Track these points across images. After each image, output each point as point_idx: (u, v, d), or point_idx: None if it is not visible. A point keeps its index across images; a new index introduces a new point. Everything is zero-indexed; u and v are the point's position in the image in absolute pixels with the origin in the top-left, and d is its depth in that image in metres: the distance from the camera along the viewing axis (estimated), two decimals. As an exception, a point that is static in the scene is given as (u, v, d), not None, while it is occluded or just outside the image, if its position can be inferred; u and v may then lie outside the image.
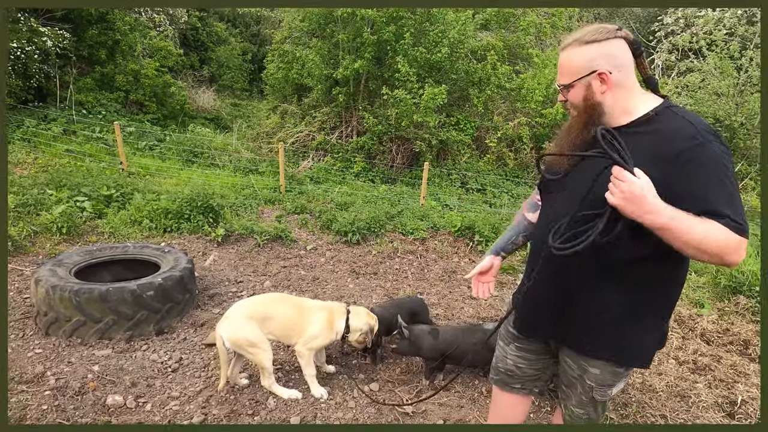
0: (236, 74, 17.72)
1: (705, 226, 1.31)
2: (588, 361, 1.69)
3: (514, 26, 11.34)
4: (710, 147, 1.35)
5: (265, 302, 2.99)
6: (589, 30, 1.48)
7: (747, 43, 11.12)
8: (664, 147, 1.38)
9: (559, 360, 1.86)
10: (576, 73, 1.50)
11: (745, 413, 3.05)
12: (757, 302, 4.75)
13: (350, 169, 9.72)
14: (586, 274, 1.58)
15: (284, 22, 12.39)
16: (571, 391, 1.82)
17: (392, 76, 9.60)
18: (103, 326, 3.32)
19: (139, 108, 11.90)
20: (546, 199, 1.79)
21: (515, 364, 1.98)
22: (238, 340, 2.76)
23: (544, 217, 1.75)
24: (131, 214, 5.63)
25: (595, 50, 1.47)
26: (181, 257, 3.97)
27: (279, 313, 2.91)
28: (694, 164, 1.35)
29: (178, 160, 9.54)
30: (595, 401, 1.76)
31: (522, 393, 2.06)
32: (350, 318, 3.02)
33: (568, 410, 1.87)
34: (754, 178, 10.37)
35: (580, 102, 1.52)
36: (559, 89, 1.59)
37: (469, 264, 5.70)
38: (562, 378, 1.86)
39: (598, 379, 1.70)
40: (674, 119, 1.42)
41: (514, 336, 1.96)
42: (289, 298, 3.11)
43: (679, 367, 3.58)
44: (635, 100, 1.50)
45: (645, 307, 1.59)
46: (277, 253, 5.46)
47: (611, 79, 1.46)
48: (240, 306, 2.92)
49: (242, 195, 7.33)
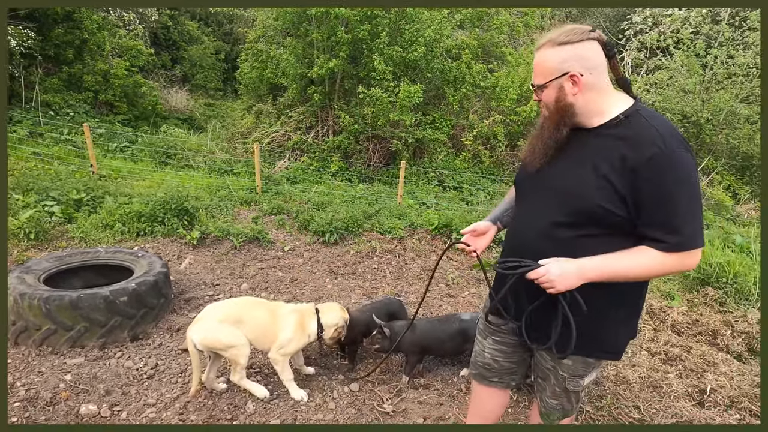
0: (209, 74, 17.44)
1: (643, 259, 1.47)
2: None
3: (488, 25, 11.45)
4: (676, 156, 1.39)
5: (238, 306, 2.93)
6: (563, 31, 1.50)
7: (712, 42, 11.45)
8: (633, 154, 1.42)
9: (534, 353, 1.90)
10: (549, 74, 1.53)
11: (714, 401, 3.15)
12: (724, 293, 4.92)
13: (327, 168, 9.68)
14: None
15: (257, 20, 12.25)
16: (545, 383, 1.87)
17: (368, 75, 9.60)
18: (75, 334, 3.24)
19: (109, 109, 11.62)
20: (521, 196, 1.82)
21: (492, 358, 2.02)
22: (211, 343, 2.73)
23: (523, 216, 1.78)
24: (103, 218, 5.50)
25: (567, 52, 1.49)
26: (156, 261, 3.90)
27: (252, 318, 2.87)
28: (659, 173, 1.39)
29: (150, 161, 9.35)
30: (568, 392, 1.81)
31: (500, 386, 2.10)
32: (321, 316, 2.99)
33: (543, 402, 1.92)
34: (721, 173, 10.70)
35: (552, 103, 1.55)
36: (533, 89, 1.61)
37: (447, 261, 5.75)
38: (537, 371, 1.91)
39: (570, 369, 1.76)
40: (643, 126, 1.45)
41: (491, 330, 2.00)
42: (264, 303, 3.04)
43: (651, 358, 3.68)
44: (607, 102, 1.53)
45: (617, 303, 1.64)
46: (254, 255, 5.41)
47: (582, 81, 1.49)
48: (213, 308, 2.88)
49: (218, 196, 7.23)
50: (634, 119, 1.48)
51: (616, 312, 1.65)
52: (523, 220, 1.76)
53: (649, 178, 1.40)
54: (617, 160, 1.44)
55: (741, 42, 11.39)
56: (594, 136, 1.53)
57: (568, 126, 1.54)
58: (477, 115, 10.69)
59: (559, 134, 1.55)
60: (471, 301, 4.61)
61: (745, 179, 11.17)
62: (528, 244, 1.68)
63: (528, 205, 1.73)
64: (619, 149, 1.45)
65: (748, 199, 10.61)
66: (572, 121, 1.55)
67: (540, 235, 1.63)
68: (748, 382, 3.39)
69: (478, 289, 4.93)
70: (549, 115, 1.58)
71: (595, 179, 1.47)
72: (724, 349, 3.92)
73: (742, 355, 3.86)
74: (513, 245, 1.78)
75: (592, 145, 1.52)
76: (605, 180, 1.45)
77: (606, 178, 1.45)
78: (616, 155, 1.45)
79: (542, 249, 1.61)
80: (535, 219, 1.66)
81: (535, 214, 1.67)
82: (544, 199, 1.62)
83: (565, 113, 1.53)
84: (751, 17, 11.33)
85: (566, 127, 1.54)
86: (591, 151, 1.51)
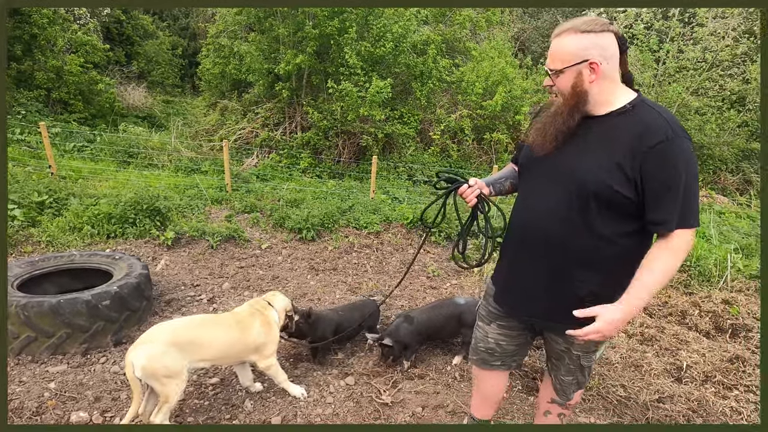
0: (166, 70, 16.91)
1: (660, 270, 1.55)
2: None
3: (451, 21, 11.60)
4: (681, 143, 1.49)
5: (189, 327, 2.59)
6: (585, 21, 1.57)
7: (663, 37, 11.97)
8: (642, 140, 1.50)
9: (545, 338, 1.98)
10: (569, 60, 1.58)
11: (690, 377, 3.34)
12: (689, 276, 5.19)
13: (297, 165, 9.58)
14: (571, 258, 1.68)
15: (218, 15, 11.96)
16: (560, 363, 1.97)
17: (336, 70, 9.55)
18: (56, 341, 3.12)
19: (63, 107, 11.09)
20: (528, 177, 1.85)
21: (496, 342, 2.08)
22: (156, 369, 2.35)
23: (531, 197, 1.81)
24: (69, 220, 5.27)
25: (589, 40, 1.55)
26: (135, 263, 3.79)
27: (211, 338, 2.58)
28: (666, 156, 1.48)
29: (112, 161, 9.00)
30: (582, 368, 1.94)
31: (502, 369, 2.18)
32: (274, 304, 2.93)
33: (558, 380, 2.03)
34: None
35: (568, 89, 1.61)
36: (549, 73, 1.65)
37: (424, 254, 5.81)
38: (550, 353, 2.02)
39: (582, 347, 1.86)
40: (650, 113, 1.54)
41: (495, 315, 2.05)
42: (217, 318, 2.76)
43: (629, 339, 3.86)
44: (616, 93, 1.61)
45: (619, 283, 1.70)
46: (231, 254, 5.32)
47: (600, 69, 1.55)
48: (161, 329, 2.51)
49: (187, 195, 7.04)
50: (639, 108, 1.57)
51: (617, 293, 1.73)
52: (531, 200, 1.80)
53: (657, 162, 1.49)
54: (627, 145, 1.52)
55: (690, 37, 11.96)
56: (601, 124, 1.61)
57: (581, 113, 1.61)
58: (444, 109, 10.81)
59: (573, 120, 1.61)
60: (453, 292, 4.69)
61: (697, 168, 11.76)
62: (536, 223, 1.74)
63: (537, 187, 1.77)
64: (628, 136, 1.53)
65: (700, 186, 11.19)
66: (584, 108, 1.61)
67: (550, 216, 1.69)
68: (718, 357, 3.61)
69: (459, 279, 5.03)
70: (564, 101, 1.63)
71: (607, 163, 1.54)
72: (694, 328, 4.15)
73: (710, 333, 4.10)
74: (521, 224, 1.83)
75: (601, 131, 1.60)
76: (616, 164, 1.53)
77: (617, 162, 1.53)
78: (626, 141, 1.53)
79: (552, 229, 1.68)
80: (545, 200, 1.72)
81: (545, 197, 1.72)
82: (555, 182, 1.68)
83: (580, 99, 1.59)
84: (699, 14, 11.91)
85: (579, 113, 1.61)
86: (601, 137, 1.59)
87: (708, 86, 11.75)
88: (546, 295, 1.78)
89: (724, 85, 11.70)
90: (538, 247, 1.74)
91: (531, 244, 1.77)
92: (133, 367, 2.34)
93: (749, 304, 4.49)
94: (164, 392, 2.40)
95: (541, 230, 1.71)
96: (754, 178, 11.73)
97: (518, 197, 1.92)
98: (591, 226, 1.62)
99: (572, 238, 1.64)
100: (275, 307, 2.92)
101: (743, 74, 11.85)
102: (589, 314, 1.55)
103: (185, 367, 2.47)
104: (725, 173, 11.78)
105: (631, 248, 1.65)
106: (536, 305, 1.83)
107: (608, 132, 1.58)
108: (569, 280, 1.70)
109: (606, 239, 1.62)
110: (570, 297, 1.70)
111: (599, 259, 1.65)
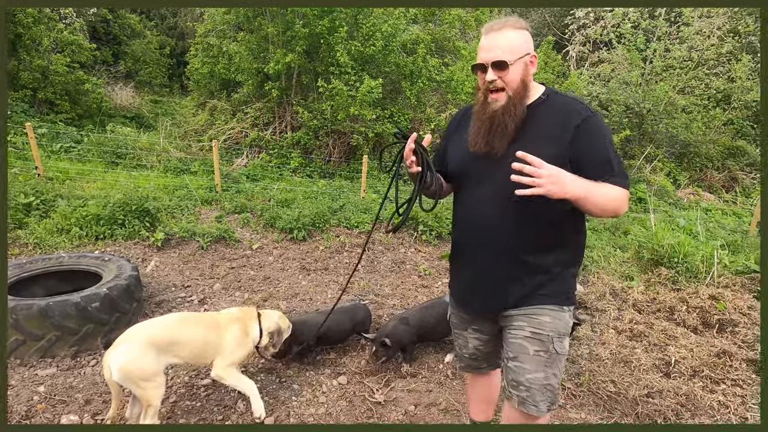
0: (154, 69, 16.73)
1: (606, 190, 1.59)
2: (541, 309, 1.77)
3: (440, 20, 11.62)
4: (597, 118, 1.67)
5: (169, 325, 2.56)
6: (515, 19, 1.68)
7: (650, 36, 12.10)
8: (569, 121, 1.64)
9: (503, 337, 1.88)
10: (518, 52, 1.66)
11: (679, 372, 3.39)
12: (676, 272, 5.25)
13: (287, 165, 9.55)
14: (520, 246, 1.75)
15: (207, 14, 11.87)
16: (523, 359, 1.78)
17: (326, 69, 9.53)
18: (46, 344, 3.09)
19: (49, 107, 10.94)
20: (469, 181, 1.84)
21: (475, 347, 2.10)
22: (132, 371, 2.30)
23: (472, 199, 1.84)
24: (57, 222, 5.22)
25: (526, 36, 1.69)
26: (125, 265, 3.76)
27: (190, 337, 2.54)
28: (591, 130, 1.64)
29: (100, 162, 8.89)
30: (556, 355, 1.77)
31: (491, 369, 2.20)
32: (262, 321, 2.80)
33: (524, 386, 1.78)
34: (662, 160, 11.35)
35: (518, 80, 1.67)
36: (488, 68, 1.66)
37: (415, 254, 5.83)
38: (511, 350, 1.82)
39: (553, 327, 1.77)
40: (564, 100, 1.72)
41: (466, 320, 2.07)
42: (198, 317, 2.75)
43: (619, 335, 3.90)
44: (534, 85, 1.74)
45: (571, 260, 1.84)
46: (222, 255, 5.29)
47: (536, 62, 1.71)
48: (139, 329, 2.48)
49: (176, 196, 6.99)
50: (553, 97, 1.72)
51: (570, 268, 1.84)
52: (475, 199, 1.82)
53: (585, 136, 1.63)
54: (557, 128, 1.64)
55: (677, 37, 12.09)
56: (528, 114, 1.70)
57: (524, 105, 1.69)
58: (434, 108, 10.83)
59: (523, 112, 1.68)
60: (444, 290, 4.71)
61: (684, 165, 11.90)
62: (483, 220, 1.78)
63: (480, 185, 1.79)
64: (553, 120, 1.66)
65: (687, 184, 11.32)
66: (526, 99, 1.70)
67: (494, 211, 1.75)
68: (706, 352, 3.66)
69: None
70: (514, 93, 1.67)
71: (541, 148, 1.56)
72: (682, 323, 4.20)
73: (698, 329, 4.15)
74: (469, 224, 1.87)
75: (530, 121, 1.69)
76: (555, 147, 1.62)
77: (555, 145, 1.62)
78: (555, 125, 1.65)
79: (497, 222, 1.75)
80: (488, 196, 1.76)
81: (487, 192, 1.76)
82: (495, 176, 1.71)
83: (524, 91, 1.69)
84: (684, 13, 12.05)
85: (523, 105, 1.69)
86: (530, 125, 1.68)
87: (694, 85, 11.88)
88: (502, 287, 1.82)
89: (710, 84, 11.83)
90: (486, 243, 1.80)
91: (480, 242, 1.82)
92: (110, 369, 2.30)
93: (735, 300, 4.55)
94: (144, 396, 2.35)
95: (488, 226, 1.77)
96: (739, 175, 11.89)
97: (459, 200, 1.93)
98: (535, 212, 1.69)
99: (519, 227, 1.72)
100: (262, 324, 2.79)
101: (728, 73, 11.99)
102: (533, 159, 1.48)
103: (162, 368, 2.42)
104: (711, 171, 11.92)
105: (571, 227, 1.78)
106: (495, 299, 1.85)
107: (534, 120, 1.68)
108: (521, 268, 1.77)
109: (549, 222, 1.71)
110: (525, 283, 1.78)
111: (548, 243, 1.75)
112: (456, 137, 1.91)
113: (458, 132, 1.90)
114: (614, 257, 5.88)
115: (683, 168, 11.82)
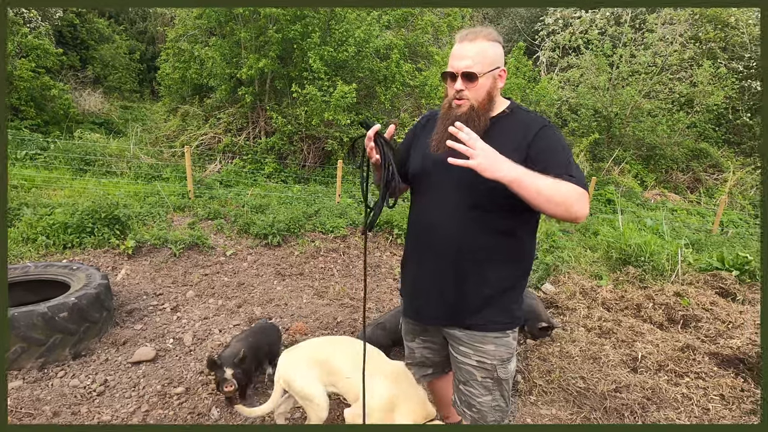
0: (123, 74, 16.44)
1: (557, 183, 1.53)
2: (484, 338, 1.81)
3: (413, 25, 11.75)
4: (553, 129, 1.71)
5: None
6: (489, 30, 1.68)
7: (617, 42, 12.46)
8: (527, 132, 1.66)
9: (452, 357, 1.94)
10: (489, 64, 1.67)
11: (645, 366, 3.50)
12: (643, 271, 5.41)
13: (261, 170, 9.50)
14: (471, 257, 1.75)
15: (178, 19, 11.74)
16: (473, 384, 1.88)
17: (300, 74, 9.52)
18: (11, 356, 3.01)
19: (14, 113, 10.66)
20: (425, 186, 1.84)
21: (423, 356, 2.14)
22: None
23: (428, 206, 1.83)
24: (22, 231, 5.08)
25: (499, 49, 1.69)
26: (94, 273, 3.69)
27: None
28: (547, 139, 1.66)
29: (67, 169, 8.70)
30: (500, 381, 1.86)
31: (441, 375, 2.23)
32: None
33: (476, 408, 1.91)
34: (629, 162, 11.67)
35: (485, 93, 1.68)
36: (460, 77, 1.66)
37: (391, 257, 5.87)
38: (460, 376, 1.93)
39: (496, 354, 1.82)
40: (526, 113, 1.76)
41: (415, 329, 2.09)
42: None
43: (588, 333, 4.00)
44: (500, 99, 1.77)
45: (518, 276, 1.84)
46: (195, 262, 5.23)
47: (504, 77, 1.72)
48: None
49: (148, 203, 6.89)
50: (516, 111, 1.76)
51: (518, 285, 1.84)
52: (431, 206, 1.81)
53: (541, 142, 1.65)
54: (519, 139, 1.66)
55: (642, 43, 12.48)
56: (492, 126, 1.71)
57: (488, 117, 1.71)
58: (408, 113, 10.93)
59: (486, 124, 1.69)
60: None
61: (650, 167, 12.27)
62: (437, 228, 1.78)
63: (437, 192, 1.79)
64: (514, 132, 1.68)
65: (654, 185, 11.67)
66: (491, 112, 1.72)
67: (449, 218, 1.75)
68: (671, 347, 3.79)
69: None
70: (478, 105, 1.69)
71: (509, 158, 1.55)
72: (648, 320, 4.34)
73: (663, 325, 4.29)
74: (422, 230, 1.86)
75: (493, 133, 1.68)
76: (517, 156, 1.57)
77: (517, 155, 1.59)
78: (513, 137, 1.67)
79: (452, 230, 1.75)
80: (444, 204, 1.76)
81: (444, 200, 1.76)
82: (453, 185, 1.72)
83: (491, 104, 1.71)
84: (648, 20, 12.45)
85: (487, 117, 1.70)
86: (493, 137, 1.62)
87: (659, 89, 12.28)
88: (446, 298, 1.81)
89: (673, 88, 12.26)
90: (434, 246, 1.80)
91: (428, 246, 1.82)
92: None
93: (699, 296, 4.72)
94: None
95: (442, 234, 1.77)
96: (703, 176, 12.32)
97: (416, 205, 1.91)
98: (488, 223, 1.71)
99: (471, 237, 1.73)
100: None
101: (690, 78, 12.45)
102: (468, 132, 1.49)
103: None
104: (676, 172, 12.32)
105: (520, 243, 1.79)
106: (439, 308, 1.84)
107: (497, 133, 1.68)
108: (467, 277, 1.76)
109: (500, 232, 1.73)
110: (472, 297, 1.77)
111: (498, 255, 1.75)
112: (419, 140, 1.91)
113: (423, 134, 1.90)
114: (584, 257, 6.03)
115: (650, 170, 12.18)
